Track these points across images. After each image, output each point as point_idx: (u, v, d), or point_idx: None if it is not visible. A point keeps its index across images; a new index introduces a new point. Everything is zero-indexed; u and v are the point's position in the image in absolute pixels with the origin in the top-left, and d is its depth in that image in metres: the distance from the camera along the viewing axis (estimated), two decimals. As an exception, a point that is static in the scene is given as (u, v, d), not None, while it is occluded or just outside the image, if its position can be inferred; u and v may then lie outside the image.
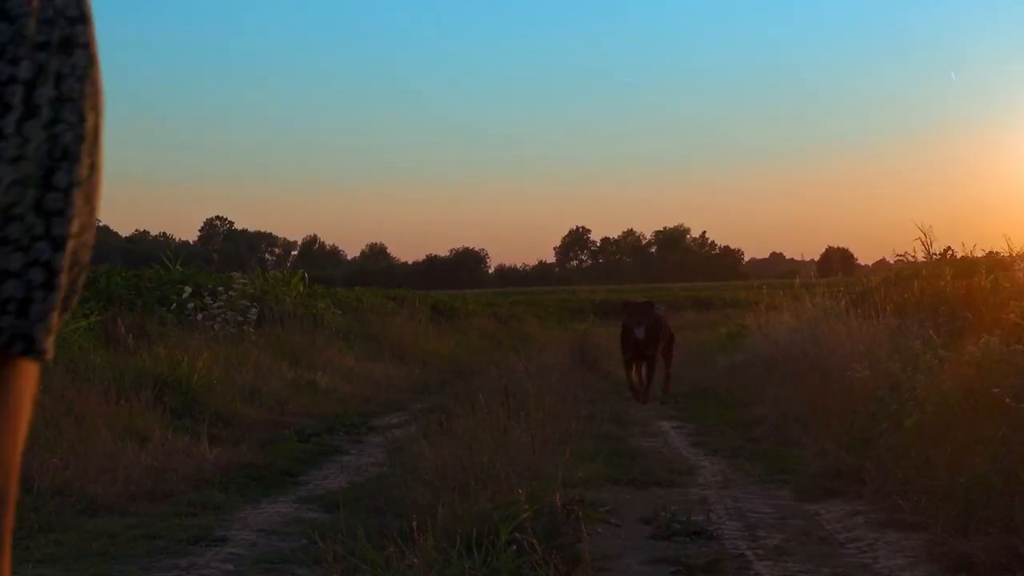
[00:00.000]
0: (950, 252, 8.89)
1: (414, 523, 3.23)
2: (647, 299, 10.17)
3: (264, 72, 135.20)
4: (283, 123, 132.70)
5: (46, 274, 0.97)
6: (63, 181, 0.93)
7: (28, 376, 1.00)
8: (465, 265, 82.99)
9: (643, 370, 9.15)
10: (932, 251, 8.83)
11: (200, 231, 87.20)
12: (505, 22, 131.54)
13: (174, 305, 9.56)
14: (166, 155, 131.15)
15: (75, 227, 0.95)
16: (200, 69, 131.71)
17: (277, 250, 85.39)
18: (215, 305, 9.97)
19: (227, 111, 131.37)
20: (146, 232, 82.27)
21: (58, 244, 0.93)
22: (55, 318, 0.95)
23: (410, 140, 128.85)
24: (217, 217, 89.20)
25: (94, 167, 1.01)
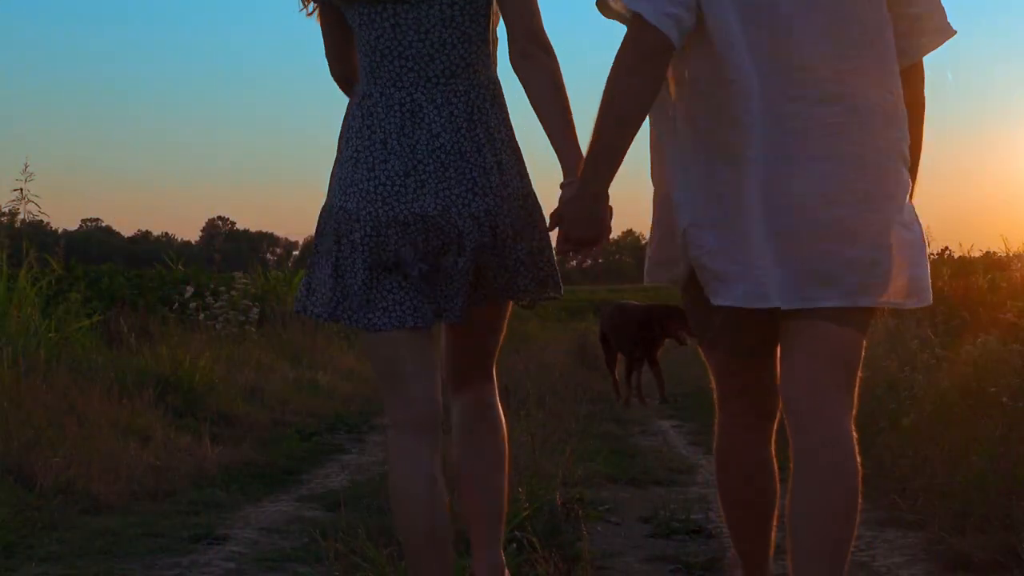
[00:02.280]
0: (947, 252, 8.92)
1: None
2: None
3: (265, 73, 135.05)
4: (284, 123, 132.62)
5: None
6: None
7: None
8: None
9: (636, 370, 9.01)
10: (930, 251, 8.84)
11: (202, 231, 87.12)
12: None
13: (176, 305, 9.59)
14: (168, 156, 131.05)
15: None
16: (201, 70, 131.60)
17: (279, 250, 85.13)
18: (217, 305, 10.00)
19: (228, 112, 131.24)
20: (148, 232, 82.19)
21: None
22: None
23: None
24: (219, 217, 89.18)
25: None
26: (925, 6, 2.30)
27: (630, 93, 2.17)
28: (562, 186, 2.31)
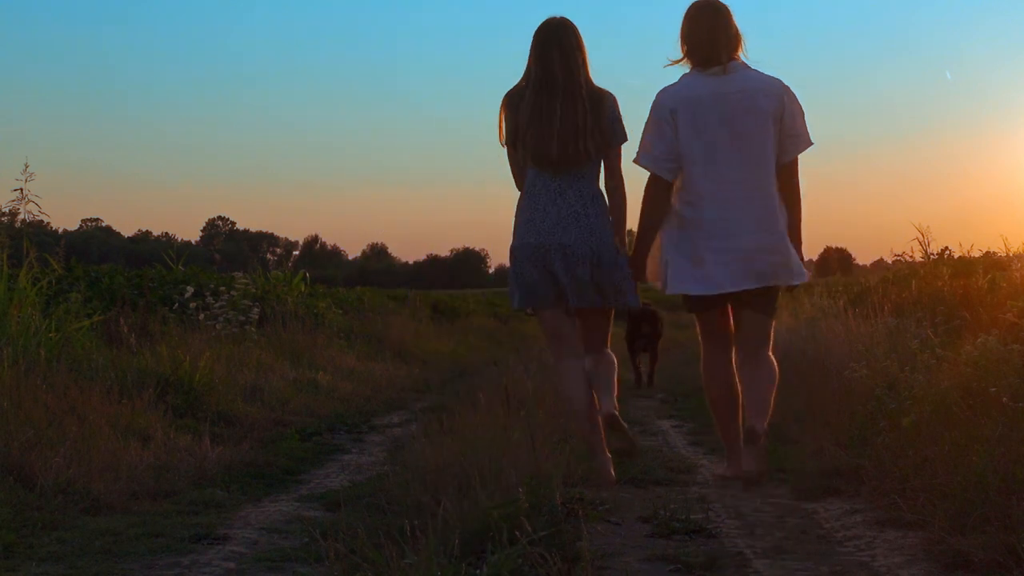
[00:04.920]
0: (948, 252, 8.90)
1: (415, 521, 3.25)
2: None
3: (265, 73, 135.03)
4: (284, 124, 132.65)
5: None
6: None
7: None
8: (465, 265, 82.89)
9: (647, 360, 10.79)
10: (930, 251, 8.84)
11: (202, 231, 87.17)
12: (507, 23, 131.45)
13: (176, 305, 9.58)
14: (168, 156, 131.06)
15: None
16: (201, 70, 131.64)
17: (279, 250, 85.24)
18: (217, 305, 9.99)
19: (228, 112, 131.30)
20: (148, 232, 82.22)
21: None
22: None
23: (410, 140, 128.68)
24: (219, 217, 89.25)
25: None
26: (798, 130, 4.55)
27: (657, 207, 4.59)
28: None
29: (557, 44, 4.50)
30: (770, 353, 4.71)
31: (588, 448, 4.70)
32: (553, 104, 4.47)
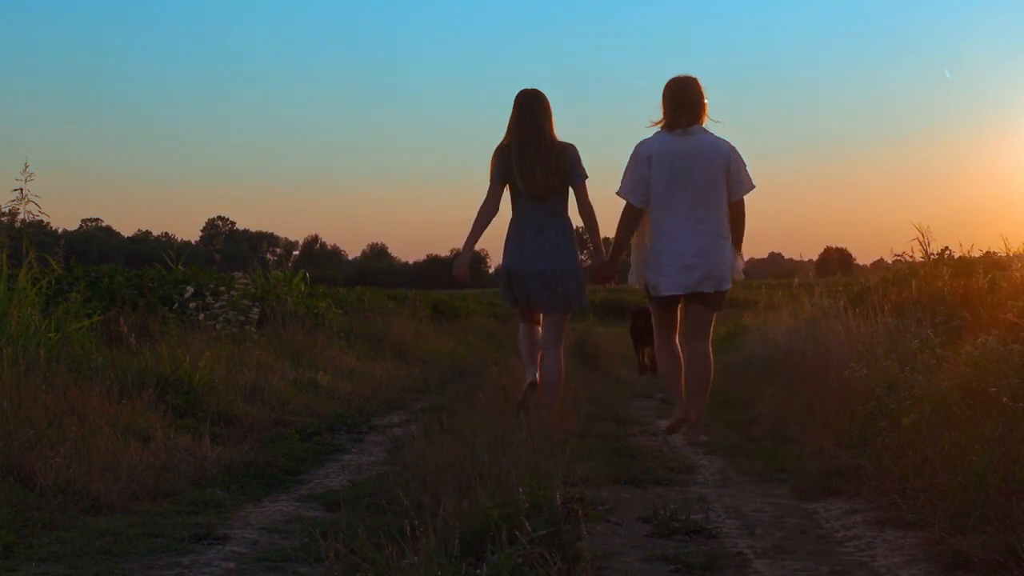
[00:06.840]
0: (948, 252, 8.88)
1: (415, 521, 3.25)
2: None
3: (265, 73, 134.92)
4: (284, 124, 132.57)
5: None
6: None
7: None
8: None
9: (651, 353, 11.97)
10: (930, 251, 8.82)
11: (202, 231, 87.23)
12: (508, 23, 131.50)
13: (176, 305, 9.57)
14: (168, 156, 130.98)
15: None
16: (201, 70, 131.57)
17: (279, 250, 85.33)
18: (217, 305, 9.99)
19: (228, 112, 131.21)
20: (148, 232, 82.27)
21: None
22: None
23: (410, 140, 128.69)
24: (219, 217, 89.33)
25: None
26: (742, 179, 6.06)
27: (629, 226, 6.13)
28: (589, 256, 6.40)
29: (529, 111, 6.09)
30: (709, 347, 6.11)
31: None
32: (531, 155, 6.05)
